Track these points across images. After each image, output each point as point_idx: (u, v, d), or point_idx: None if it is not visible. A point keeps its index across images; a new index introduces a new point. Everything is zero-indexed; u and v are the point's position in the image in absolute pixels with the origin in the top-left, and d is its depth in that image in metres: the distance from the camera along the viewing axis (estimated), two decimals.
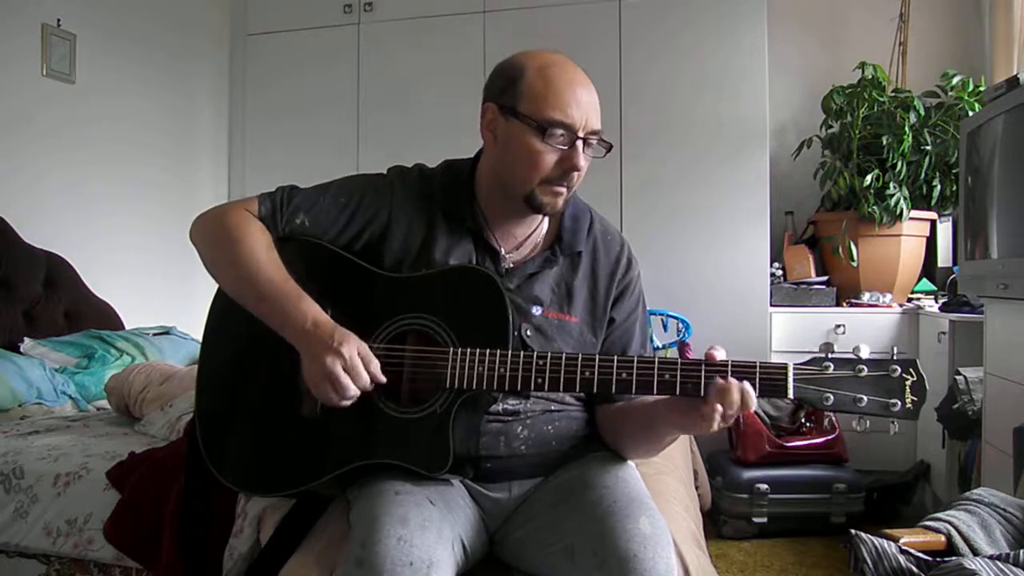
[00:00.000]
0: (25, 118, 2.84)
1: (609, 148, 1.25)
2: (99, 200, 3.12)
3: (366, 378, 1.13)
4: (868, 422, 1.09)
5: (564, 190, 1.23)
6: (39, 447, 1.80)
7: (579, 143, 1.19)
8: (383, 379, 1.16)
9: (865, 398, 1.07)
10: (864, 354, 1.09)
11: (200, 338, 1.37)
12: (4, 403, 2.22)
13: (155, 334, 2.85)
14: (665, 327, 3.14)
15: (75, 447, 1.81)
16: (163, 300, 3.39)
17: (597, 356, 1.14)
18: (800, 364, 1.10)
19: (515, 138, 1.21)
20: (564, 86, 1.19)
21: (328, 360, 1.11)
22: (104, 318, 2.91)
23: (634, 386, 1.11)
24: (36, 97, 2.88)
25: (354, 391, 1.13)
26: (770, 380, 1.08)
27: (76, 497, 1.64)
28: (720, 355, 1.10)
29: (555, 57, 1.23)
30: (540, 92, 1.19)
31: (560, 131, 1.18)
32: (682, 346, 3.08)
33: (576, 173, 1.21)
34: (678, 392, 1.10)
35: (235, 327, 1.28)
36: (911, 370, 1.08)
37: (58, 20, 2.94)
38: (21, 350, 2.50)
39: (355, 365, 1.12)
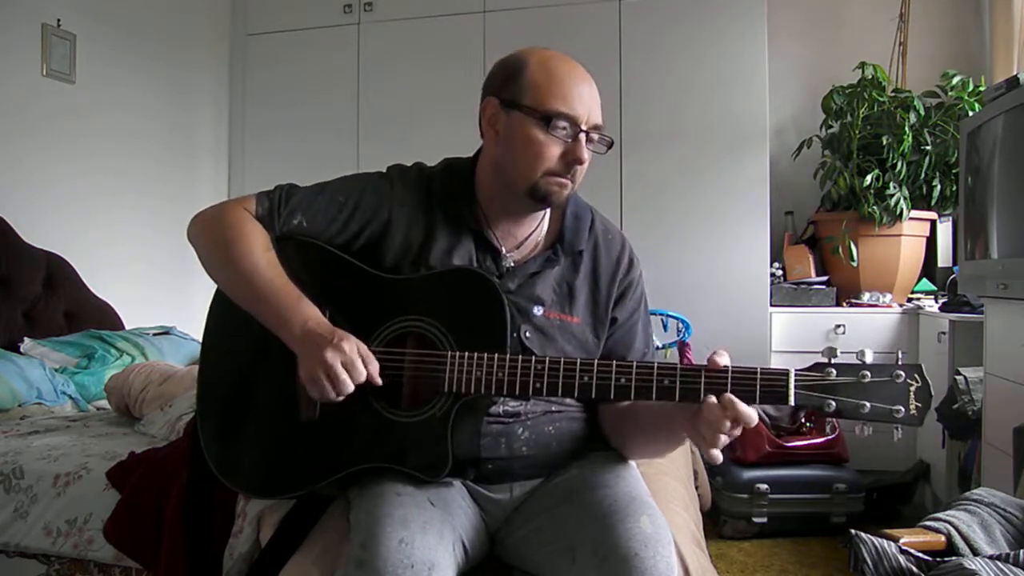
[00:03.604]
0: (25, 118, 2.84)
1: (610, 145, 1.25)
2: (99, 200, 3.12)
3: (363, 373, 1.12)
4: (871, 428, 1.06)
5: (568, 182, 1.22)
6: (39, 447, 1.80)
7: (582, 136, 1.19)
8: (379, 381, 1.15)
9: (868, 404, 1.04)
10: (869, 359, 1.05)
11: (200, 338, 1.36)
12: (4, 403, 2.22)
13: (155, 334, 2.85)
14: (665, 327, 3.13)
15: (75, 447, 1.80)
16: (163, 300, 3.38)
17: (596, 361, 1.13)
18: (802, 370, 1.06)
19: (518, 130, 1.20)
20: (567, 79, 1.20)
21: (328, 354, 1.10)
22: (104, 318, 2.91)
23: (633, 392, 1.10)
24: (36, 97, 2.88)
25: (350, 386, 1.12)
26: (771, 386, 1.05)
27: (76, 497, 1.64)
28: (724, 361, 1.07)
29: (556, 52, 1.24)
30: (544, 84, 1.19)
31: (564, 123, 1.19)
32: (682, 346, 3.08)
33: (580, 166, 1.21)
34: (677, 398, 1.09)
35: (234, 330, 1.28)
36: (916, 376, 1.05)
37: (58, 20, 2.94)
38: (21, 350, 2.50)
39: (354, 361, 1.12)
